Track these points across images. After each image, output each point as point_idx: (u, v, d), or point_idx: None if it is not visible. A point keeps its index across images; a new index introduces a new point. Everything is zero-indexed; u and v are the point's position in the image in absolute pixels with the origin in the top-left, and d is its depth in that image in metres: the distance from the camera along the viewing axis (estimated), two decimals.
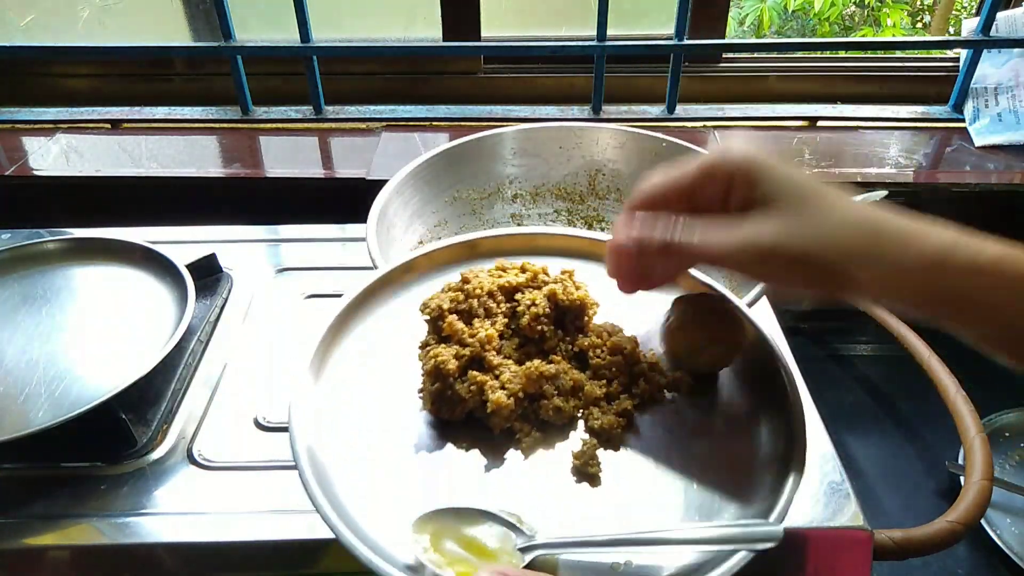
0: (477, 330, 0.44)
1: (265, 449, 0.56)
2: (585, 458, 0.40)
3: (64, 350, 0.61)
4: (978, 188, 0.92)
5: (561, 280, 0.47)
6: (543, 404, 0.42)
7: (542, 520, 0.37)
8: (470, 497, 0.39)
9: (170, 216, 0.87)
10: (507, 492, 0.39)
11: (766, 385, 0.44)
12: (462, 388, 0.42)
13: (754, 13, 2.51)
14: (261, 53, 1.02)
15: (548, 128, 0.78)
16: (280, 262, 0.78)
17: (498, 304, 0.46)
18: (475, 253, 0.52)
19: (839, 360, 1.01)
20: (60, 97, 1.09)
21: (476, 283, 0.46)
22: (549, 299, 0.45)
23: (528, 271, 0.48)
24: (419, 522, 0.36)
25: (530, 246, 0.53)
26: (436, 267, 0.52)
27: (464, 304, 0.45)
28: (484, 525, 0.37)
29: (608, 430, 0.42)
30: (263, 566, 0.51)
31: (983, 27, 0.97)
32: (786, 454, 0.40)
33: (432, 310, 0.45)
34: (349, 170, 0.95)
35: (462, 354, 0.43)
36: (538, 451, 0.42)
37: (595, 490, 0.40)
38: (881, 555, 0.61)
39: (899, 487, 0.83)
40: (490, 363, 0.43)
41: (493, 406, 0.41)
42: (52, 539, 0.50)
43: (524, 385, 0.42)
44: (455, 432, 0.42)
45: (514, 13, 1.11)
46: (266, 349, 0.66)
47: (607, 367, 0.44)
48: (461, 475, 0.40)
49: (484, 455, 0.41)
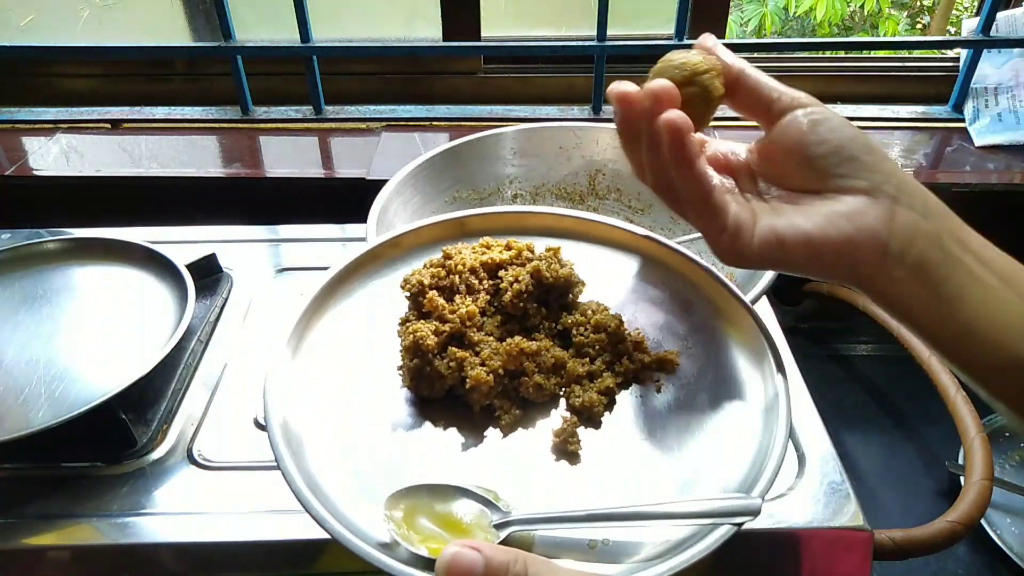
0: (458, 306, 0.44)
1: (265, 449, 0.56)
2: (565, 435, 0.40)
3: (64, 350, 0.61)
4: (978, 188, 0.92)
5: (546, 257, 0.46)
6: (524, 381, 0.42)
7: (519, 498, 0.37)
8: (447, 474, 0.38)
9: (170, 216, 0.87)
10: (485, 470, 0.39)
11: (753, 364, 0.43)
12: (441, 365, 0.41)
13: (756, 18, 2.52)
14: (261, 53, 1.02)
15: (548, 128, 0.78)
16: (280, 262, 0.78)
17: (480, 281, 0.46)
18: (464, 231, 0.52)
19: (839, 360, 1.01)
20: (60, 97, 1.09)
21: (459, 259, 0.46)
22: (533, 276, 0.45)
23: (513, 248, 0.47)
24: (392, 499, 0.36)
25: (520, 225, 0.52)
26: (424, 244, 0.51)
27: (446, 280, 0.45)
28: (459, 502, 0.36)
29: (589, 408, 0.41)
30: (263, 566, 0.51)
31: (983, 27, 0.97)
32: (769, 431, 0.39)
33: (412, 286, 0.44)
34: (349, 170, 0.95)
35: (442, 330, 0.43)
36: (518, 429, 0.41)
37: (575, 468, 0.39)
38: (881, 555, 0.61)
39: (899, 487, 0.83)
40: (471, 340, 0.43)
41: (472, 382, 0.40)
42: (52, 539, 0.50)
43: (504, 362, 0.42)
44: (434, 410, 0.42)
45: (514, 13, 1.10)
46: (266, 349, 0.66)
47: (590, 345, 0.44)
48: (439, 452, 0.40)
49: (463, 433, 0.41)
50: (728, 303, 0.46)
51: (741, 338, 0.45)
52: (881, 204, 0.35)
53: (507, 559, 0.30)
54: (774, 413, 0.40)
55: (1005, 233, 0.36)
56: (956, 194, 0.92)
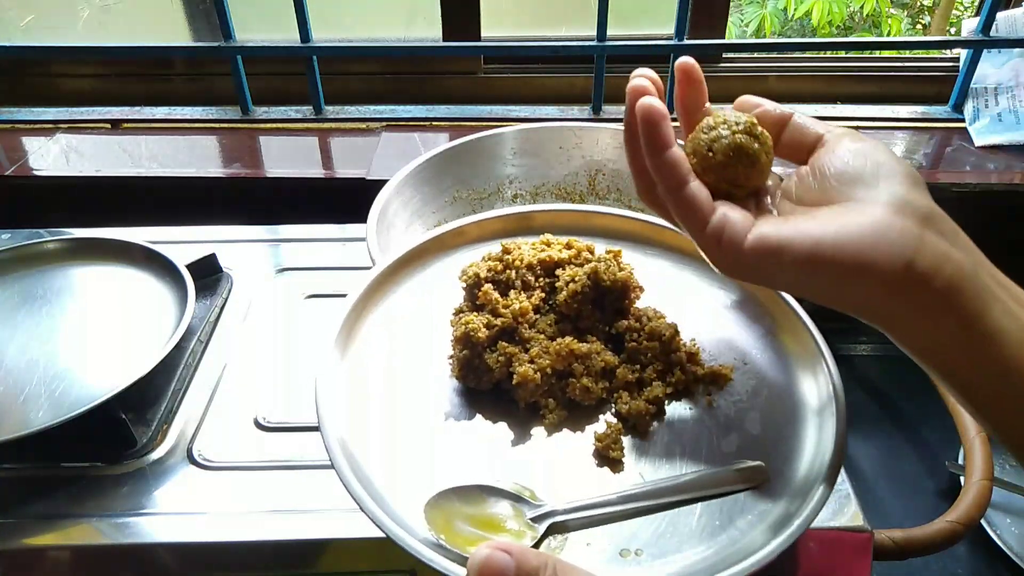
0: (512, 302, 0.44)
1: (265, 449, 0.56)
2: (608, 441, 0.40)
3: (64, 350, 0.61)
4: (978, 188, 0.92)
5: (605, 259, 0.46)
6: (571, 383, 0.42)
7: (556, 499, 0.37)
8: (487, 470, 0.39)
9: (170, 216, 0.87)
10: (526, 468, 0.39)
11: (809, 389, 0.42)
12: (491, 358, 0.41)
13: (756, 20, 2.52)
14: (261, 53, 1.02)
15: (548, 128, 0.78)
16: (280, 262, 0.78)
17: (537, 278, 0.46)
18: (528, 225, 0.52)
19: (839, 360, 1.00)
20: (60, 97, 1.09)
21: (517, 254, 0.46)
22: (590, 277, 0.44)
23: (573, 247, 0.47)
24: (431, 505, 0.36)
25: (586, 224, 0.52)
26: (487, 237, 0.51)
27: (502, 274, 0.45)
28: (495, 500, 0.37)
29: (636, 415, 0.41)
30: (263, 566, 0.51)
31: (983, 27, 0.97)
32: (818, 462, 0.38)
33: (469, 277, 0.45)
34: (349, 170, 0.95)
35: (494, 324, 0.43)
36: (563, 430, 0.41)
37: (616, 475, 0.39)
38: (881, 555, 0.61)
39: (899, 487, 0.83)
40: (522, 336, 0.43)
41: (519, 379, 0.40)
42: (52, 539, 0.50)
43: (553, 361, 0.41)
44: (482, 402, 0.42)
45: (514, 13, 1.11)
46: (266, 349, 0.66)
47: (643, 352, 0.43)
48: (482, 447, 0.40)
49: (510, 428, 0.41)
50: (788, 319, 0.46)
51: (799, 359, 0.44)
52: (909, 221, 0.31)
53: (538, 563, 0.30)
54: (824, 446, 0.39)
55: (1005, 233, 0.35)
56: (956, 194, 0.92)
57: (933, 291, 0.31)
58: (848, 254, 0.31)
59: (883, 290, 0.31)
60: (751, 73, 1.10)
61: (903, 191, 0.32)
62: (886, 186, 0.32)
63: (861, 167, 0.33)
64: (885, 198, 0.32)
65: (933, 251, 0.31)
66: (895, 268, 0.31)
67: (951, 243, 0.32)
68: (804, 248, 0.32)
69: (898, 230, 0.31)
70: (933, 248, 0.31)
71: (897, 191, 0.32)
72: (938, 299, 0.31)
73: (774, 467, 0.39)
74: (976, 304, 0.31)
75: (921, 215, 0.32)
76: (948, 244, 0.31)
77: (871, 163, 0.33)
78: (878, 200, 0.32)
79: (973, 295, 0.31)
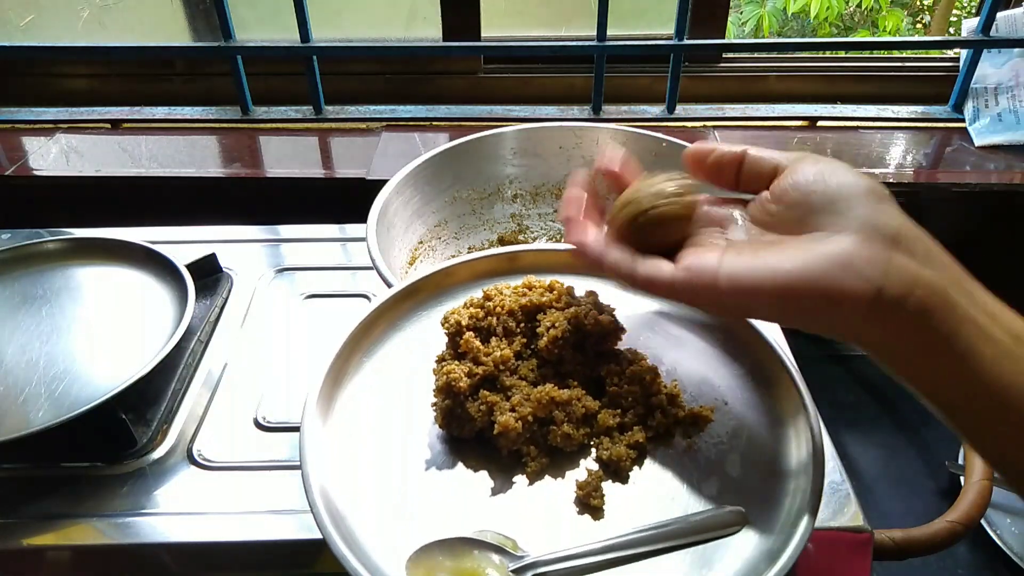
0: (493, 349, 0.44)
1: (265, 449, 0.56)
2: (588, 489, 0.39)
3: (64, 350, 0.61)
4: (978, 188, 0.92)
5: (585, 303, 0.45)
6: (553, 430, 0.42)
7: (538, 549, 0.37)
8: (470, 520, 0.39)
9: (170, 216, 0.87)
10: (507, 517, 0.39)
11: (789, 430, 0.42)
12: (472, 407, 0.41)
13: (754, 19, 2.52)
14: (261, 53, 1.02)
15: (548, 128, 0.77)
16: (280, 262, 0.78)
17: (518, 324, 0.46)
18: (514, 266, 0.52)
19: (839, 360, 1.01)
20: (60, 97, 1.09)
21: (498, 300, 0.46)
22: (571, 323, 0.44)
23: (556, 290, 0.47)
24: (413, 560, 0.36)
25: (573, 264, 0.52)
26: (476, 277, 0.52)
27: (483, 321, 0.45)
28: (477, 552, 0.37)
29: (617, 461, 0.41)
30: (262, 566, 0.51)
31: (983, 27, 0.97)
32: (795, 503, 0.38)
33: (451, 325, 0.45)
34: (349, 170, 0.95)
35: (475, 372, 0.43)
36: (545, 477, 0.41)
37: (597, 523, 0.39)
38: (881, 555, 0.61)
39: (899, 487, 0.83)
40: (503, 383, 0.43)
41: (500, 428, 0.40)
42: (52, 539, 0.50)
43: (534, 409, 0.41)
44: (465, 450, 0.42)
45: (514, 13, 1.11)
46: (266, 349, 0.66)
47: (624, 396, 0.43)
48: (465, 496, 0.40)
49: (490, 477, 0.41)
50: (769, 358, 0.45)
51: (779, 401, 0.44)
52: (875, 246, 0.31)
53: None
54: (801, 487, 0.39)
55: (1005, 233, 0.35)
56: (956, 194, 0.92)
57: (906, 314, 0.31)
58: (819, 288, 0.31)
59: (857, 317, 0.32)
60: (751, 73, 1.10)
61: (868, 213, 0.32)
62: (850, 210, 0.33)
63: (823, 191, 0.34)
64: (851, 225, 0.32)
65: (902, 275, 0.31)
66: (866, 296, 0.31)
67: (922, 263, 0.32)
68: (776, 284, 0.32)
69: (865, 259, 0.31)
70: (902, 272, 0.31)
71: (861, 215, 0.32)
72: (911, 322, 0.31)
73: (754, 510, 0.39)
74: (948, 325, 0.31)
75: (889, 238, 0.32)
76: (918, 265, 0.31)
77: (833, 185, 0.34)
78: (846, 228, 0.32)
79: (945, 315, 0.31)
